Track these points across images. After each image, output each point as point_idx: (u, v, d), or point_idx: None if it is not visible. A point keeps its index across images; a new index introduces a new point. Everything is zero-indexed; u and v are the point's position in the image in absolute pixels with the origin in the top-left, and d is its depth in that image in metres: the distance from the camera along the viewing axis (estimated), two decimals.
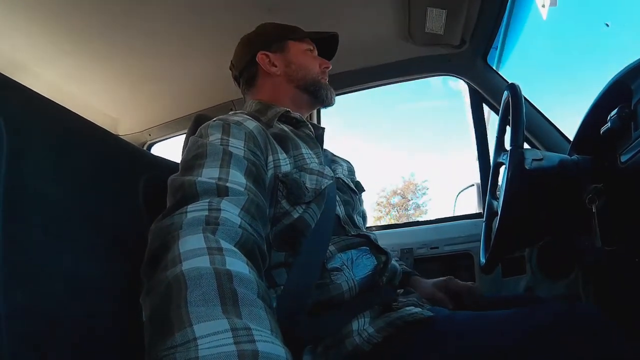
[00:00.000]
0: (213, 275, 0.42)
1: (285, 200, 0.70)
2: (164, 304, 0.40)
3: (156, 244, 0.49)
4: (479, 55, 1.45)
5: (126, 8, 1.23)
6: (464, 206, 2.05)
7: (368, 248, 0.76)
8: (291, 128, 0.84)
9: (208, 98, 1.76)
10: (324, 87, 0.95)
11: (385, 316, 0.65)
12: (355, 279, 0.69)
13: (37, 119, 0.54)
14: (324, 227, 0.71)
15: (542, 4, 1.37)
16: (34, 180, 0.50)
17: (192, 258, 0.44)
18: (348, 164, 1.02)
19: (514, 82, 0.81)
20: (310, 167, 0.75)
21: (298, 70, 0.93)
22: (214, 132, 0.68)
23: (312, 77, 0.94)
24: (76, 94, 1.66)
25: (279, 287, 0.65)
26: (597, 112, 0.76)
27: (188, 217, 0.50)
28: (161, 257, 0.46)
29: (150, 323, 0.41)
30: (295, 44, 0.96)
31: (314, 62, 0.96)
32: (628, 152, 0.65)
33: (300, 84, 0.93)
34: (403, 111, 31.85)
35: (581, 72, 38.25)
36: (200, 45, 1.45)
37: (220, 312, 0.38)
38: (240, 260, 0.46)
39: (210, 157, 0.62)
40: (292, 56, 0.95)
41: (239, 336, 0.36)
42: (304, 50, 0.97)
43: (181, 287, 0.40)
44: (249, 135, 0.70)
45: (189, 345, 0.35)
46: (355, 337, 0.62)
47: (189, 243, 0.46)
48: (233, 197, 0.56)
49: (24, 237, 0.46)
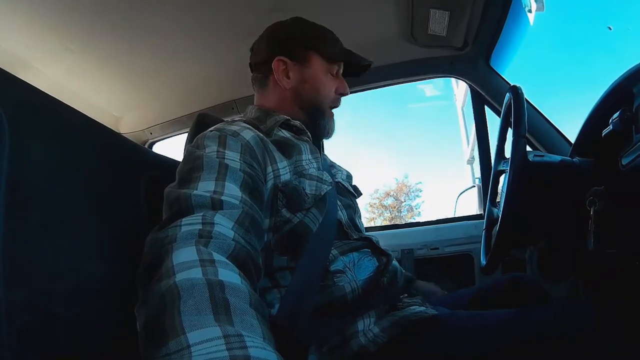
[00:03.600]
0: (205, 285, 0.42)
1: (285, 209, 0.70)
2: (158, 313, 0.41)
3: (151, 255, 0.50)
4: (482, 57, 1.45)
5: (129, 6, 1.23)
6: (465, 208, 2.05)
7: (369, 250, 0.77)
8: (292, 134, 0.83)
9: (210, 97, 1.76)
10: (327, 118, 0.89)
11: (390, 315, 0.66)
12: (358, 280, 0.70)
13: (39, 116, 0.55)
14: (326, 232, 0.72)
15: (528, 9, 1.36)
16: (35, 178, 0.50)
17: (185, 270, 0.44)
18: (347, 172, 1.01)
19: (516, 85, 0.81)
20: (309, 172, 0.75)
21: (309, 91, 0.87)
22: (210, 143, 0.68)
23: (320, 103, 0.88)
24: (78, 92, 1.66)
25: (283, 288, 0.66)
26: (598, 115, 0.76)
27: (182, 231, 0.51)
28: (155, 269, 0.47)
29: (144, 332, 0.41)
30: (320, 62, 0.87)
31: (330, 86, 0.88)
32: (629, 155, 0.65)
33: (305, 106, 0.87)
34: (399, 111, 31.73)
35: (584, 74, 38.16)
36: (202, 44, 1.45)
37: (212, 320, 0.39)
38: (233, 272, 0.47)
39: (206, 170, 0.62)
40: (310, 74, 0.86)
41: (231, 342, 0.37)
42: (325, 72, 0.88)
43: (174, 297, 0.41)
44: (246, 146, 0.69)
45: (183, 352, 0.36)
46: (361, 337, 0.63)
47: (182, 255, 0.47)
48: (227, 210, 0.56)
49: (25, 234, 0.47)
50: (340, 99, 0.91)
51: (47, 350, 0.47)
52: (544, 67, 39.93)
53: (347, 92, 0.90)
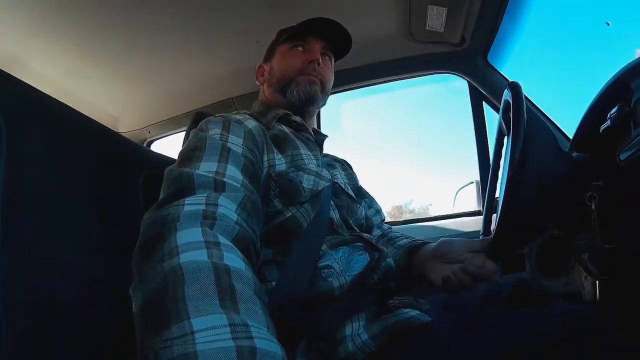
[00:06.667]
0: (211, 269, 0.41)
1: (277, 200, 0.69)
2: (159, 295, 0.39)
3: (150, 233, 0.48)
4: (480, 54, 1.45)
5: (127, 6, 1.22)
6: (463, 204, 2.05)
7: (361, 244, 0.75)
8: (292, 130, 0.83)
9: (208, 95, 1.76)
10: (295, 84, 0.87)
11: (381, 320, 0.63)
12: (347, 276, 0.68)
13: (37, 116, 0.55)
14: (316, 229, 0.71)
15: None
16: (33, 177, 0.50)
17: (190, 251, 0.43)
18: (344, 167, 1.00)
19: (514, 81, 0.81)
20: (309, 167, 0.75)
21: (276, 73, 0.91)
22: (213, 127, 0.68)
23: (288, 75, 0.88)
24: (76, 91, 1.66)
25: (269, 283, 0.65)
26: (596, 110, 0.76)
27: (185, 210, 0.50)
28: (156, 248, 0.45)
29: (142, 314, 0.40)
30: (281, 47, 0.92)
31: (295, 59, 0.89)
32: (627, 150, 0.65)
33: (279, 86, 0.89)
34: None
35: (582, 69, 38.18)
36: (200, 43, 1.44)
37: (218, 307, 0.38)
38: (237, 256, 0.46)
39: (208, 151, 0.62)
40: (275, 61, 0.92)
41: (237, 332, 0.36)
42: (288, 50, 0.91)
43: (178, 279, 0.40)
44: (248, 133, 0.70)
45: (186, 338, 0.35)
46: (349, 343, 0.60)
47: (187, 235, 0.45)
48: (230, 193, 0.56)
49: (23, 233, 0.47)
50: (312, 65, 0.88)
51: (46, 350, 0.47)
52: (542, 63, 39.91)
53: (316, 57, 0.88)
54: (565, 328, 0.54)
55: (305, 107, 0.88)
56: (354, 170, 1.03)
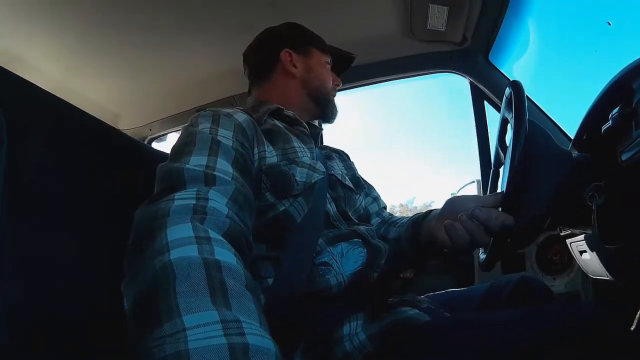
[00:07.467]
0: (202, 265, 0.41)
1: (269, 193, 0.69)
2: (151, 293, 0.39)
3: (141, 229, 0.48)
4: (481, 53, 1.45)
5: (128, 3, 1.22)
6: None
7: (360, 240, 0.74)
8: (285, 124, 0.82)
9: (209, 93, 1.76)
10: (332, 104, 0.96)
11: (379, 319, 0.62)
12: (345, 273, 0.68)
13: (38, 113, 0.55)
14: (312, 223, 0.70)
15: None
16: (34, 174, 0.50)
17: (180, 247, 0.43)
18: (342, 157, 1.00)
19: (516, 79, 0.80)
20: (302, 160, 0.74)
21: (315, 80, 0.93)
22: (203, 121, 0.68)
23: (325, 90, 0.95)
24: (77, 89, 1.66)
25: (264, 280, 0.64)
26: (598, 110, 0.76)
27: (175, 205, 0.49)
28: (147, 244, 0.45)
29: (135, 312, 0.40)
30: (318, 53, 0.96)
31: (329, 76, 0.97)
32: (628, 150, 0.65)
33: (313, 94, 0.93)
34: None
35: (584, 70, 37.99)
36: (201, 40, 1.44)
37: (209, 303, 0.38)
38: (229, 251, 0.46)
39: (198, 145, 0.62)
40: (314, 63, 0.94)
41: (228, 328, 0.36)
42: (324, 63, 0.97)
43: (169, 276, 0.39)
44: (238, 126, 0.69)
45: (178, 336, 0.34)
46: (346, 342, 0.60)
47: (177, 231, 0.45)
48: (221, 186, 0.56)
49: (23, 231, 0.47)
50: (336, 90, 0.99)
51: (46, 350, 0.47)
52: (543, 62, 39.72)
53: (340, 84, 1.00)
54: (565, 327, 0.54)
55: (330, 122, 0.98)
56: (352, 160, 1.03)
